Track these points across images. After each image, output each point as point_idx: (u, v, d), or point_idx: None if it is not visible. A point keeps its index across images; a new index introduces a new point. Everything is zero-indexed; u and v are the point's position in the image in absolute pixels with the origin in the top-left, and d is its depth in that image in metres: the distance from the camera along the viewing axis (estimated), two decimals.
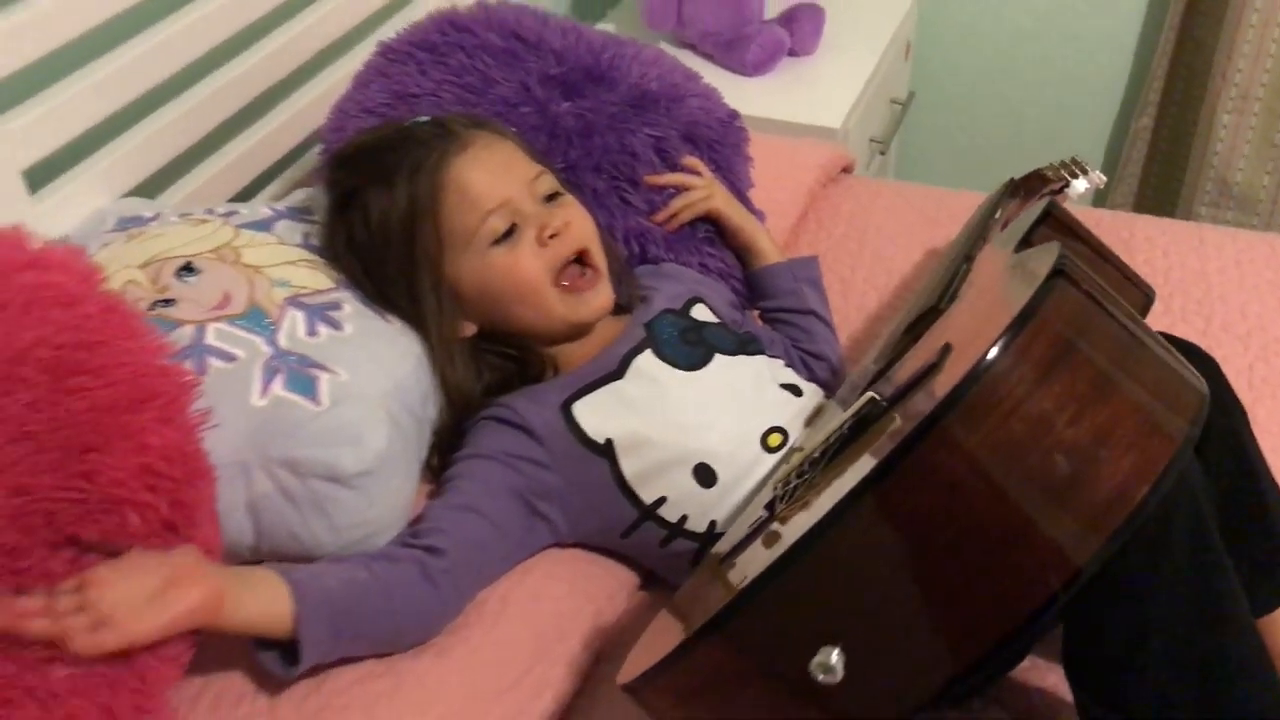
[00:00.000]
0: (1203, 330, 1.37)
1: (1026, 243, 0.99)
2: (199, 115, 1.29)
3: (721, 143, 1.33)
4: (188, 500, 0.82)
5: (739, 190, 1.33)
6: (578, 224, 1.11)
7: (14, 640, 0.75)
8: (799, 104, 1.92)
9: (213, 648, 0.90)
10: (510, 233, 1.07)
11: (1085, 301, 0.64)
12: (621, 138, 1.24)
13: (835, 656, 0.64)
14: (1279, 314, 1.39)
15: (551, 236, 1.08)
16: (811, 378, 1.20)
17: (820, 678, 0.64)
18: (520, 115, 1.23)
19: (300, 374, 0.96)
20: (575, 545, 1.09)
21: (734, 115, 1.36)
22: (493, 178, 1.08)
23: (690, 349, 1.10)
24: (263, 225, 1.11)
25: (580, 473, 1.04)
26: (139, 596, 0.78)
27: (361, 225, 1.08)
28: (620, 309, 1.15)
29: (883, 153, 2.13)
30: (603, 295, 1.11)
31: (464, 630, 0.97)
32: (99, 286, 0.85)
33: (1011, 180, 1.32)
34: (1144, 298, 1.02)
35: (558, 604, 1.02)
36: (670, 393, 1.07)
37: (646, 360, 1.08)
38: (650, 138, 1.26)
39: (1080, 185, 1.49)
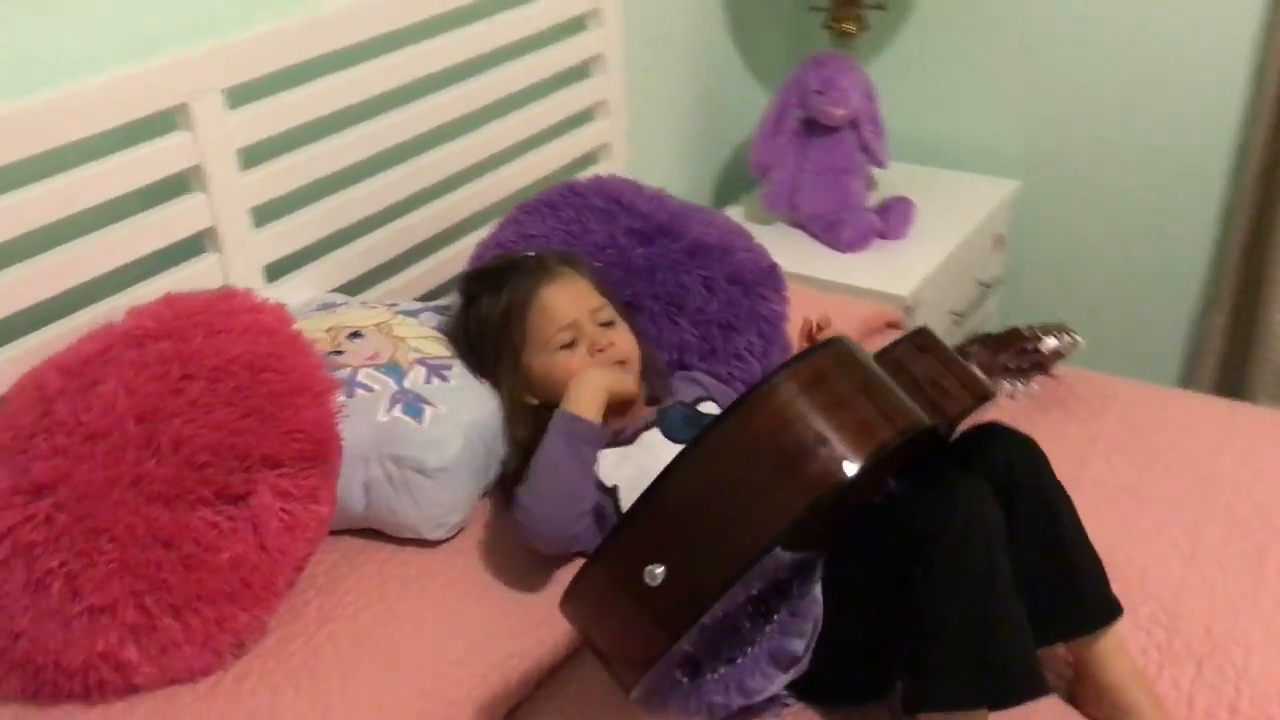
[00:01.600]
0: (1143, 465, 1.67)
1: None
2: (383, 248, 1.81)
3: (761, 284, 1.75)
4: (327, 453, 1.29)
5: (772, 320, 1.75)
6: (621, 343, 1.54)
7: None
8: (878, 275, 2.32)
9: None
10: (572, 344, 1.52)
11: (832, 362, 1.03)
12: (677, 276, 1.69)
13: (660, 569, 1.02)
14: (1204, 456, 1.69)
15: (599, 350, 1.52)
16: None
17: (648, 581, 1.02)
18: (605, 255, 1.69)
19: (413, 405, 1.43)
20: None
21: (774, 266, 1.79)
22: (567, 303, 1.53)
23: (689, 430, 1.50)
24: (412, 314, 1.60)
25: (598, 506, 1.45)
26: None
27: (474, 319, 1.55)
28: (654, 400, 1.58)
29: (958, 324, 2.49)
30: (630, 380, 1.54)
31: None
32: (289, 326, 1.35)
33: (979, 333, 1.68)
34: (973, 397, 1.33)
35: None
36: (662, 457, 1.46)
37: (652, 435, 1.50)
38: (700, 276, 1.70)
39: (1051, 342, 1.82)
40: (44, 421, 1.24)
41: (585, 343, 1.52)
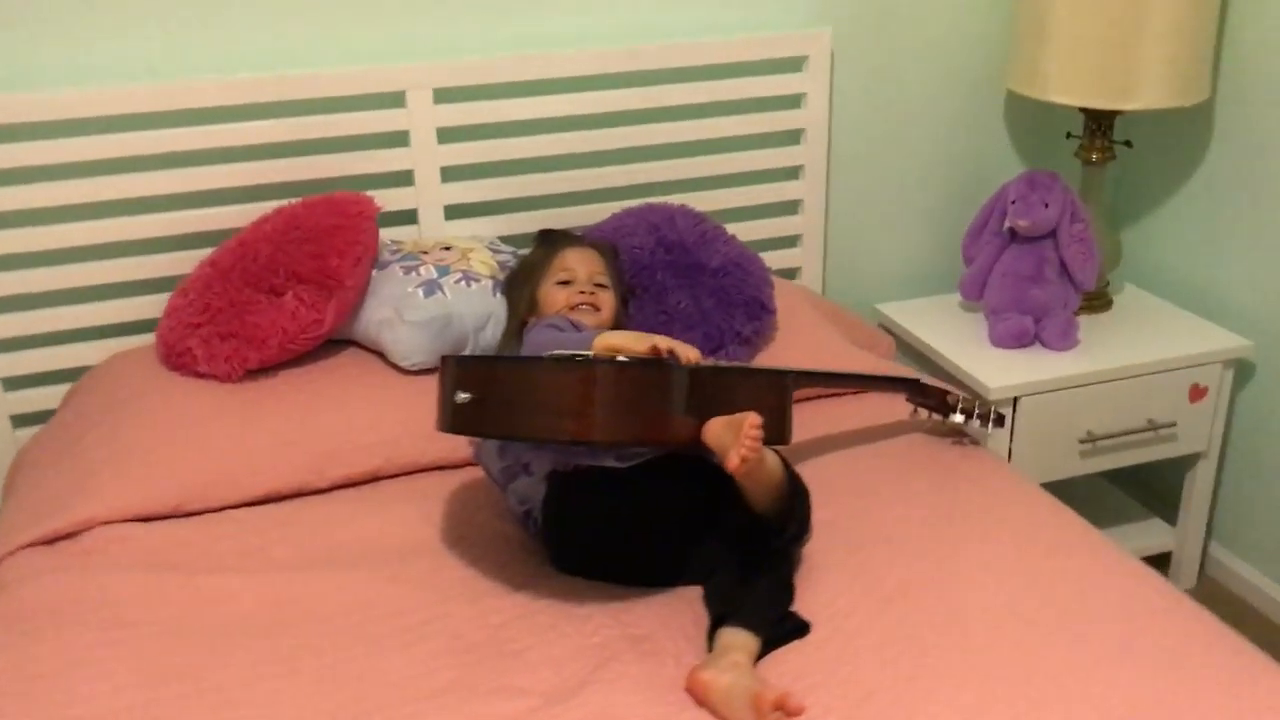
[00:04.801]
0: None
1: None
2: (538, 222, 2.61)
3: (736, 307, 2.31)
4: (335, 288, 2.19)
5: (726, 333, 2.29)
6: (601, 300, 2.19)
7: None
8: (993, 369, 2.60)
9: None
10: (567, 284, 2.21)
11: (643, 376, 1.64)
12: (666, 279, 2.31)
13: (466, 397, 1.65)
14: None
15: (582, 294, 2.18)
16: None
17: (457, 396, 1.66)
18: (633, 253, 2.35)
19: (431, 289, 2.26)
20: None
21: (755, 300, 2.33)
22: (577, 261, 2.23)
23: None
24: (496, 251, 2.42)
25: None
26: None
27: (527, 256, 2.31)
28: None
29: (1087, 445, 2.63)
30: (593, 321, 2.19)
31: None
32: (369, 217, 2.27)
33: (917, 379, 2.14)
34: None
35: None
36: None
37: None
38: (685, 284, 2.30)
39: (957, 418, 2.11)
40: (236, 234, 2.31)
41: (575, 289, 2.20)
